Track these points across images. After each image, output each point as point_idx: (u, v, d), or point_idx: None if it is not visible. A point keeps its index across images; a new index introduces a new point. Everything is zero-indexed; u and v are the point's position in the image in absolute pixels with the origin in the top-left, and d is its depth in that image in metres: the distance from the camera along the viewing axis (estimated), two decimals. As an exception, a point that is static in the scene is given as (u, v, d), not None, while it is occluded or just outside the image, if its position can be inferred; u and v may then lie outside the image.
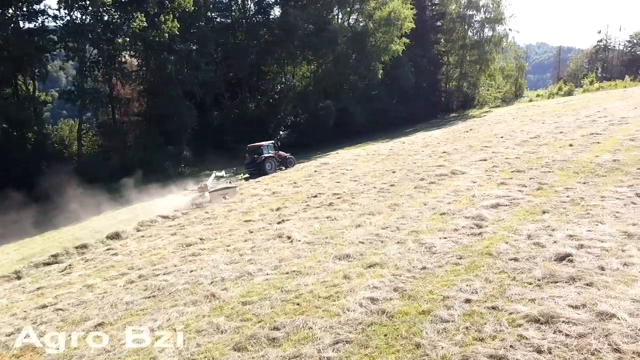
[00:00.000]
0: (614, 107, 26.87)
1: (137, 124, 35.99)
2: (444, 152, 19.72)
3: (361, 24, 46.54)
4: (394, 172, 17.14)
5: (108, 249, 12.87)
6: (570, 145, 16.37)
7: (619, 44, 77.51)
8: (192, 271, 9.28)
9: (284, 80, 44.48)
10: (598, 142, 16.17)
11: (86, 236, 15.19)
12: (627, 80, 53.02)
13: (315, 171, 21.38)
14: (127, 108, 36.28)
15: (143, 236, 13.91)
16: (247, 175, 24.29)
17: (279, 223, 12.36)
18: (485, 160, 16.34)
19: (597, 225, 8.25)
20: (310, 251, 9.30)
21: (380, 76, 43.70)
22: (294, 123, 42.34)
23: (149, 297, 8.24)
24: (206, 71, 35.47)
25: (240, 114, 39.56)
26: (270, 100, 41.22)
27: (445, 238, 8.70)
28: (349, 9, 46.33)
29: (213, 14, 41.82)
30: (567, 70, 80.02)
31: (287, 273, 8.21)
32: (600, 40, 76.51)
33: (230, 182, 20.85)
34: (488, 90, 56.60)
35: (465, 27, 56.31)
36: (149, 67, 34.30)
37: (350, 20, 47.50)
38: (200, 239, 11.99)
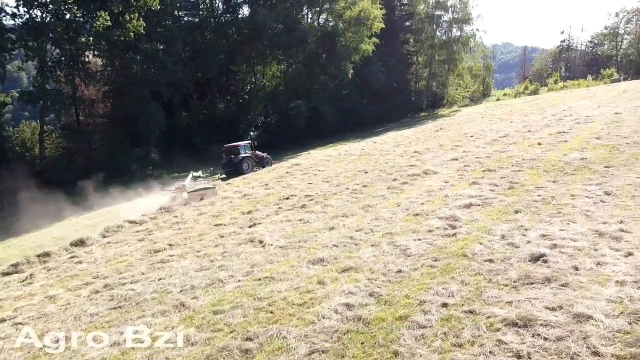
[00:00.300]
0: (579, 105, 27.55)
1: (102, 126, 35.07)
2: (416, 152, 19.75)
3: (331, 24, 46.65)
4: (366, 172, 17.06)
5: (72, 257, 12.28)
6: (539, 143, 16.61)
7: (581, 44, 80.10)
8: (160, 279, 8.91)
9: (253, 80, 44.07)
10: (565, 141, 16.45)
11: (49, 243, 14.60)
12: (590, 79, 54.78)
13: (287, 172, 21.12)
14: (92, 109, 35.08)
15: (109, 242, 13.37)
16: (224, 175, 24.05)
17: (250, 227, 12.06)
18: (456, 159, 16.41)
19: (569, 224, 8.30)
20: (283, 256, 9.06)
21: (350, 76, 43.87)
22: (265, 123, 42.01)
23: (115, 308, 7.86)
24: (173, 71, 34.83)
25: (210, 115, 39.04)
26: (240, 100, 40.79)
27: (419, 240, 8.59)
28: (318, 9, 46.32)
29: (180, 13, 41.18)
30: (532, 69, 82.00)
31: (259, 279, 7.95)
32: (564, 41, 78.85)
33: (207, 182, 20.49)
34: (457, 89, 57.46)
35: (434, 27, 57.03)
36: (114, 67, 33.48)
37: (320, 19, 47.54)
38: (169, 245, 11.59)
